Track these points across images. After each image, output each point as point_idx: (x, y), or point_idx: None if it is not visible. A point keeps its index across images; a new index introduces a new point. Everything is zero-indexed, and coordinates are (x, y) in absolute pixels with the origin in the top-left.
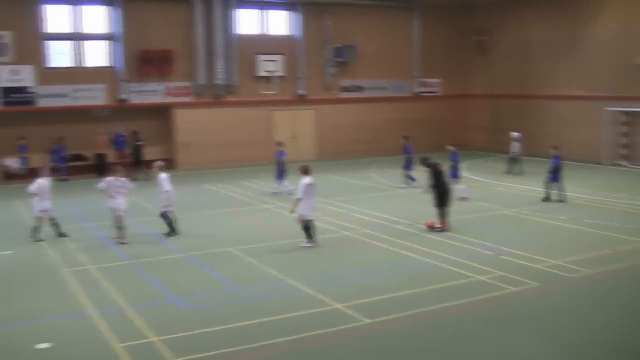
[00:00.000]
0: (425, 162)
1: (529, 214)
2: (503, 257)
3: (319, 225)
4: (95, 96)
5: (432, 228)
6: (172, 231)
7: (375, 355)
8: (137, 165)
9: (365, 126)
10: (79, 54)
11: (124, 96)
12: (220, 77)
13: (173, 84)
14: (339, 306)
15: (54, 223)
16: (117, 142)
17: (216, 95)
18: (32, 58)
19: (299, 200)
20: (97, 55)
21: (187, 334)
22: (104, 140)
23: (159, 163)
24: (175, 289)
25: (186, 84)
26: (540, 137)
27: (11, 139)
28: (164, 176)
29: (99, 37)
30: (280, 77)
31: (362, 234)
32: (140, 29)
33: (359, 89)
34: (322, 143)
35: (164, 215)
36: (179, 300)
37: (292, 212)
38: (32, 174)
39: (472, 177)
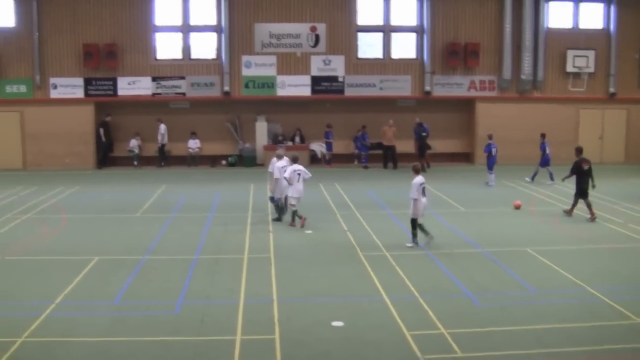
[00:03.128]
0: (577, 153)
1: None
2: None
3: (617, 230)
4: (401, 87)
5: (517, 208)
6: (279, 217)
7: None
8: (420, 156)
9: None
10: (387, 46)
11: (428, 88)
12: (526, 72)
13: (477, 77)
14: None
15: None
16: (415, 132)
17: (521, 90)
18: (343, 48)
19: (415, 200)
20: (404, 47)
21: (478, 330)
22: (392, 132)
23: (279, 151)
24: (470, 284)
25: (491, 77)
26: None
27: (318, 125)
28: (277, 164)
29: (407, 29)
30: (590, 74)
31: None
32: (448, 21)
33: None
34: (631, 145)
35: (271, 199)
36: (473, 296)
37: (413, 214)
38: (335, 158)
39: None
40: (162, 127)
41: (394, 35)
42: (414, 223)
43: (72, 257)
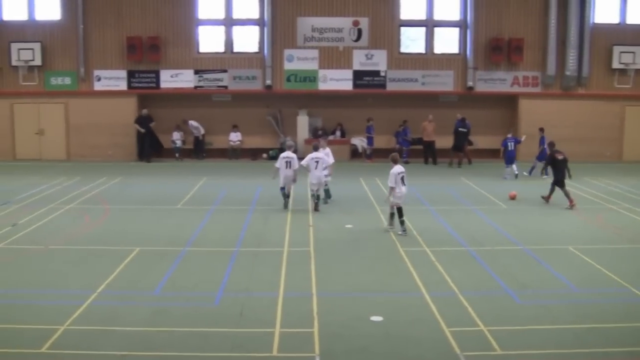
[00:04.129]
0: (550, 147)
1: None
2: None
3: None
4: (444, 82)
5: (513, 199)
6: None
7: None
8: (457, 150)
9: None
10: (429, 40)
11: (470, 83)
12: (571, 68)
13: (521, 73)
14: None
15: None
16: (455, 127)
17: (565, 87)
18: (386, 43)
19: (392, 188)
20: (447, 42)
21: (518, 328)
22: (432, 127)
23: (290, 142)
24: (511, 281)
25: (534, 73)
26: None
27: (359, 119)
28: (282, 154)
29: (450, 24)
30: (636, 70)
31: None
32: (491, 16)
33: None
34: None
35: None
36: (513, 293)
37: (386, 200)
38: (376, 153)
39: None
40: (193, 123)
41: (436, 30)
42: (400, 211)
43: (114, 247)
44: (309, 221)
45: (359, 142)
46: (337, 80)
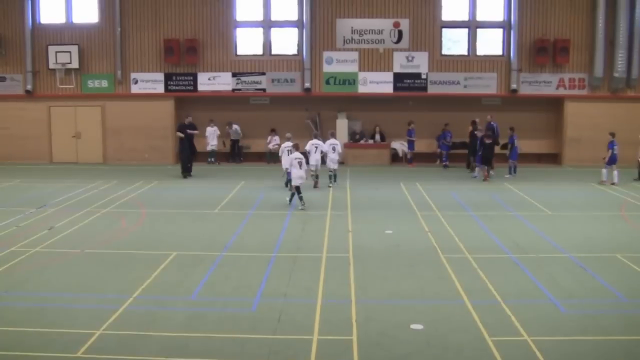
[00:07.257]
0: (486, 131)
1: None
2: None
3: None
4: (486, 85)
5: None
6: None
7: None
8: (472, 156)
9: None
10: (472, 42)
11: (514, 86)
12: (619, 69)
13: (567, 75)
14: None
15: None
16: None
17: (614, 89)
18: (427, 45)
19: (286, 169)
20: (490, 44)
21: (563, 338)
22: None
23: (287, 134)
24: (556, 290)
25: (581, 75)
26: None
27: (400, 123)
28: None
29: (493, 24)
30: None
31: None
32: (536, 16)
33: None
34: None
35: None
36: (558, 302)
37: (282, 176)
38: (417, 157)
39: None
40: (237, 128)
41: (479, 31)
42: (298, 189)
43: (150, 251)
44: (348, 227)
45: (400, 146)
46: (377, 83)
